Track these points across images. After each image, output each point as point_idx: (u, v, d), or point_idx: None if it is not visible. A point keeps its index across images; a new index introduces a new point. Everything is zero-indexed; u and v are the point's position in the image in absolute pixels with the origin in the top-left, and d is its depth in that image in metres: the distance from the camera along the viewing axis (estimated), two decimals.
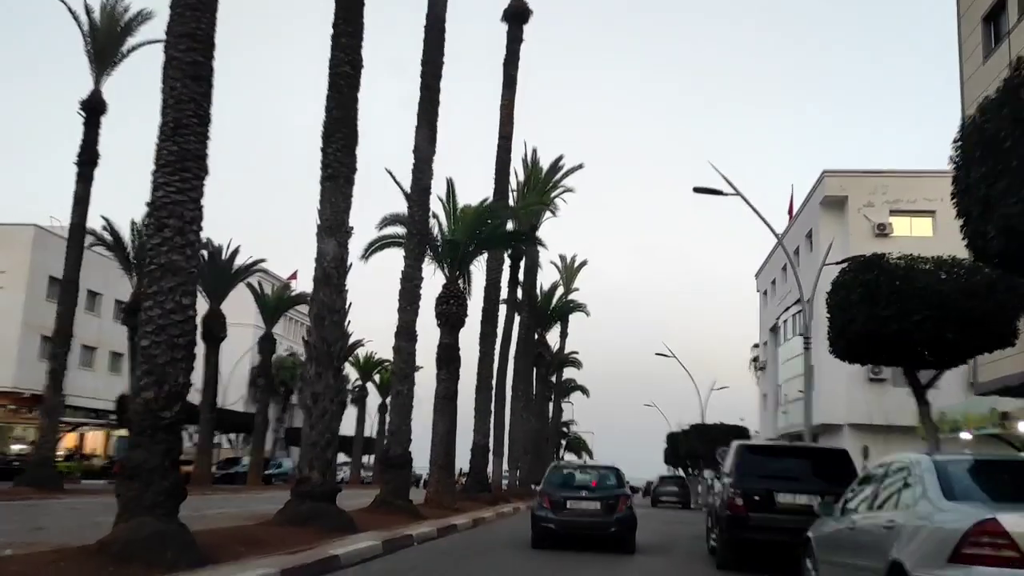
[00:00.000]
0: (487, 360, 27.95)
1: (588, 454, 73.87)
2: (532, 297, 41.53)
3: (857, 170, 39.99)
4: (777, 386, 51.40)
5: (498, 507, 25.72)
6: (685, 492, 44.46)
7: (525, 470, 40.88)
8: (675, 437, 51.63)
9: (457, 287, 23.16)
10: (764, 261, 56.95)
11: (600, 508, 14.58)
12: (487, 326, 28.01)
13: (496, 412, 32.40)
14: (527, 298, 38.59)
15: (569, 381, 61.02)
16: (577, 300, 48.76)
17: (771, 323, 53.69)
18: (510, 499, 31.73)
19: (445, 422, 22.42)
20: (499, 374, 32.59)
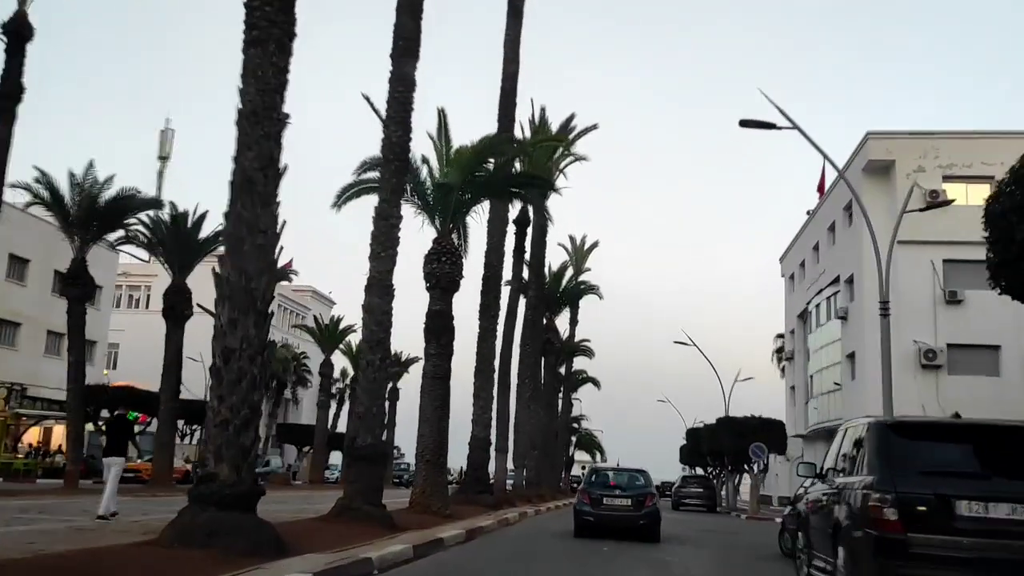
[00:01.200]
0: (488, 337, 23.68)
1: (600, 452, 69.65)
2: (540, 275, 37.22)
3: (905, 131, 35.58)
4: (808, 378, 47.02)
5: (501, 512, 21.45)
6: (711, 494, 40.07)
7: (532, 469, 36.58)
8: (696, 433, 47.26)
9: (450, 242, 18.87)
10: (790, 243, 52.57)
11: (631, 504, 17.43)
12: (488, 297, 23.74)
13: (500, 401, 28.11)
14: (534, 275, 34.29)
15: (580, 373, 56.72)
16: (589, 282, 44.45)
17: (799, 309, 49.29)
18: (515, 502, 27.44)
19: (435, 407, 18.14)
20: (503, 357, 28.30)
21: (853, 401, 36.71)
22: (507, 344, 28.41)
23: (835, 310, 40.56)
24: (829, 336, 41.53)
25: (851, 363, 37.80)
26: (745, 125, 19.84)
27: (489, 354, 23.63)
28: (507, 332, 28.54)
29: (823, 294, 42.54)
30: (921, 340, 33.35)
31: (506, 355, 28.30)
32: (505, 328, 28.65)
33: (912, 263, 34.07)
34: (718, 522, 29.27)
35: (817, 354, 44.13)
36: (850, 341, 37.43)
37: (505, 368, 28.23)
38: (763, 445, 33.94)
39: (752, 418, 36.69)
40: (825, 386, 42.58)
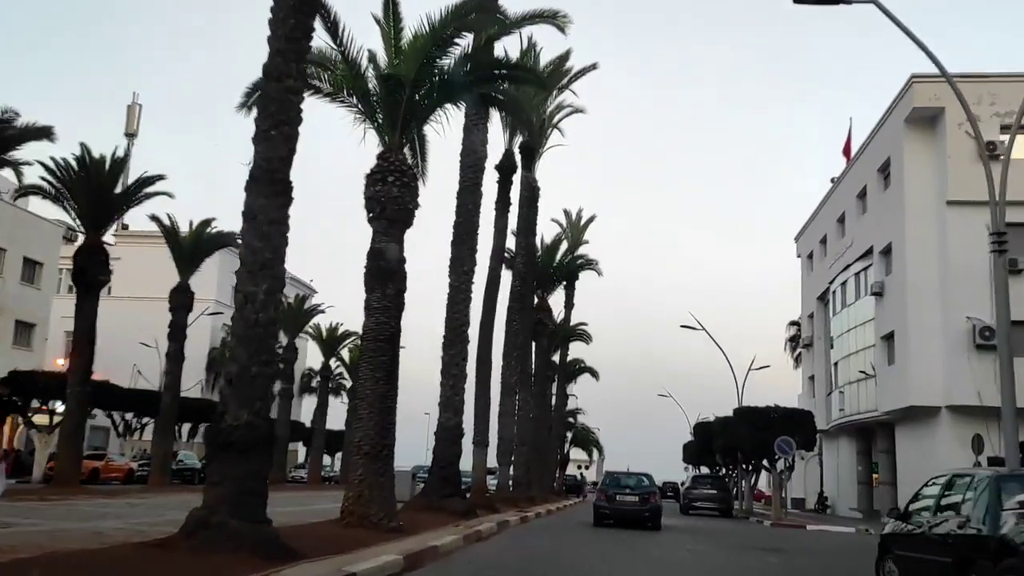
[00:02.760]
0: (461, 299, 18.67)
1: (598, 450, 64.67)
2: (530, 244, 32.18)
3: (956, 74, 30.45)
4: (831, 366, 42.10)
5: (473, 522, 16.45)
6: (726, 496, 35.04)
7: (521, 467, 31.56)
8: (706, 427, 42.34)
9: (400, 158, 13.86)
10: (808, 218, 47.63)
11: (638, 500, 21.90)
12: (461, 249, 18.75)
13: (478, 383, 23.16)
14: (523, 240, 29.29)
15: (577, 362, 51.69)
16: (587, 256, 39.40)
17: (820, 290, 44.35)
18: (497, 507, 22.46)
19: (377, 379, 13.18)
20: (483, 330, 23.33)
21: (892, 389, 31.79)
22: (488, 315, 23.43)
23: (867, 286, 35.61)
24: (859, 317, 36.60)
25: (888, 345, 32.87)
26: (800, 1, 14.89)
27: (461, 320, 18.62)
28: (488, 302, 23.57)
29: (851, 270, 37.60)
30: (975, 316, 28.44)
31: (487, 327, 23.31)
32: (486, 297, 23.68)
33: (964, 227, 29.14)
34: (745, 532, 24.30)
35: (843, 339, 39.19)
36: (887, 320, 32.51)
37: (486, 343, 23.25)
38: (791, 439, 29.02)
39: (775, 408, 31.72)
40: (852, 375, 37.66)
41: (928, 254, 30.01)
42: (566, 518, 25.61)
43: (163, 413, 29.26)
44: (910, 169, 30.78)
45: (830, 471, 43.81)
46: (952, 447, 28.92)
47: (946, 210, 29.46)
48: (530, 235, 32.61)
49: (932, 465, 30.75)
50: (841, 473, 42.23)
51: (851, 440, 40.15)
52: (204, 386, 59.34)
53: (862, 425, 38.21)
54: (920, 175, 30.62)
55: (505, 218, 24.29)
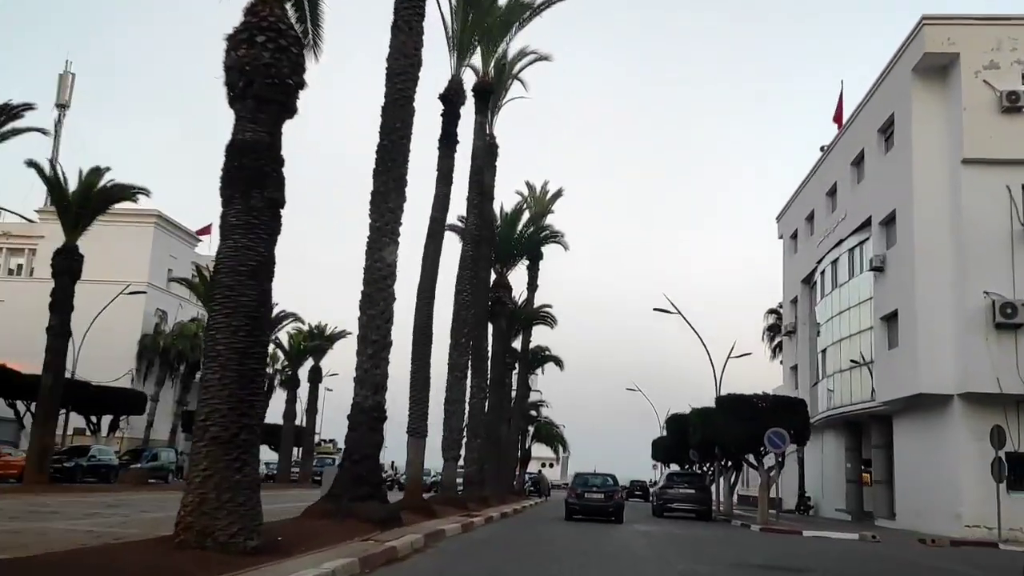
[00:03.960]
0: (385, 243, 14.35)
1: (563, 446, 60.69)
2: (486, 207, 28.00)
3: (971, 15, 26.93)
4: (818, 354, 38.43)
5: (390, 535, 12.17)
6: (705, 496, 31.15)
7: (473, 463, 27.38)
8: (680, 421, 38.46)
9: (277, 15, 9.57)
10: (792, 196, 43.96)
11: (603, 497, 24.83)
12: (386, 178, 14.45)
13: (417, 361, 18.93)
14: (477, 197, 25.10)
15: (543, 350, 47.59)
16: (553, 227, 35.29)
17: (805, 272, 40.67)
18: (436, 511, 18.22)
19: (235, 330, 8.91)
20: (423, 295, 19.09)
21: (893, 376, 28.07)
22: (429, 277, 19.20)
23: (863, 262, 31.91)
24: (853, 297, 32.90)
25: (889, 327, 29.16)
26: None
27: (384, 271, 14.31)
28: (430, 261, 19.33)
29: (844, 245, 33.90)
30: (995, 291, 24.79)
31: (427, 292, 19.06)
32: (427, 254, 19.45)
33: (981, 189, 25.54)
34: (736, 540, 20.32)
35: (832, 324, 35.50)
36: (889, 298, 28.80)
37: (425, 311, 19.00)
38: (783, 431, 25.14)
39: (764, 396, 27.85)
40: (843, 362, 33.98)
41: (939, 221, 26.32)
42: (523, 523, 21.45)
43: (42, 397, 24.54)
44: (919, 125, 27.05)
45: (813, 469, 40.14)
46: (965, 441, 25.26)
47: (961, 170, 25.78)
48: (486, 199, 28.44)
49: (940, 462, 27.20)
50: (826, 471, 38.58)
51: (839, 435, 36.49)
52: (135, 376, 54.33)
53: (852, 418, 34.55)
54: (931, 131, 26.92)
55: (450, 160, 20.01)
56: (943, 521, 25.59)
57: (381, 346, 14.10)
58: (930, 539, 22.10)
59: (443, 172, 19.67)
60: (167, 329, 56.17)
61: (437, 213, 19.43)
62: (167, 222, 59.05)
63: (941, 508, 25.93)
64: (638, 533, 19.93)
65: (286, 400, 45.22)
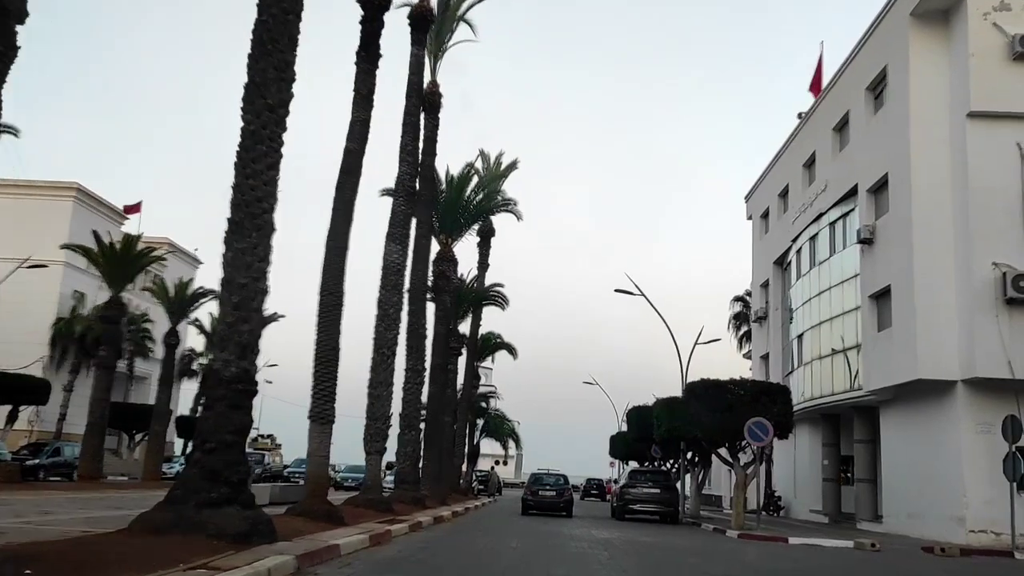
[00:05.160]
0: (261, 153, 10.45)
1: (515, 442, 57.08)
2: (428, 161, 24.17)
3: None
4: (792, 341, 35.24)
5: (242, 561, 8.26)
6: (671, 496, 27.67)
7: (407, 458, 23.57)
8: (642, 413, 35.00)
9: None
10: (763, 172, 40.81)
11: (555, 494, 27.95)
12: (265, 64, 10.55)
13: (324, 329, 15.05)
14: (411, 141, 21.24)
15: (494, 336, 43.82)
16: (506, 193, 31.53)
17: (777, 253, 37.52)
18: (344, 516, 14.34)
19: None
20: (333, 251, 15.20)
21: (884, 361, 24.88)
22: (340, 223, 15.30)
23: (847, 236, 28.74)
24: (835, 275, 29.70)
25: (879, 306, 25.98)
26: None
27: (260, 192, 10.36)
28: (343, 202, 15.43)
29: (825, 219, 30.69)
30: (1004, 262, 21.66)
31: (337, 245, 15.16)
32: (339, 195, 15.54)
33: (988, 146, 22.41)
34: (716, 551, 16.76)
35: (809, 307, 32.30)
36: (879, 273, 25.60)
37: (334, 267, 15.09)
38: (765, 422, 21.71)
39: (741, 382, 24.39)
40: (823, 348, 30.81)
41: (940, 183, 23.15)
42: (460, 531, 17.65)
43: None
44: (918, 76, 23.85)
45: (784, 466, 37.04)
46: (969, 434, 22.11)
47: (966, 125, 22.61)
48: (427, 155, 24.64)
49: (938, 458, 23.82)
50: (799, 468, 35.47)
51: (815, 429, 33.33)
52: (47, 363, 49.30)
53: (831, 411, 31.41)
54: (931, 84, 23.75)
55: (371, 80, 16.07)
56: (941, 525, 22.45)
57: (252, 293, 10.20)
58: (939, 548, 18.84)
59: (361, 93, 15.74)
60: (84, 312, 51.24)
61: (353, 144, 15.52)
62: (88, 196, 53.98)
63: (939, 511, 22.79)
64: (597, 542, 16.32)
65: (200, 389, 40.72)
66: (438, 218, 28.89)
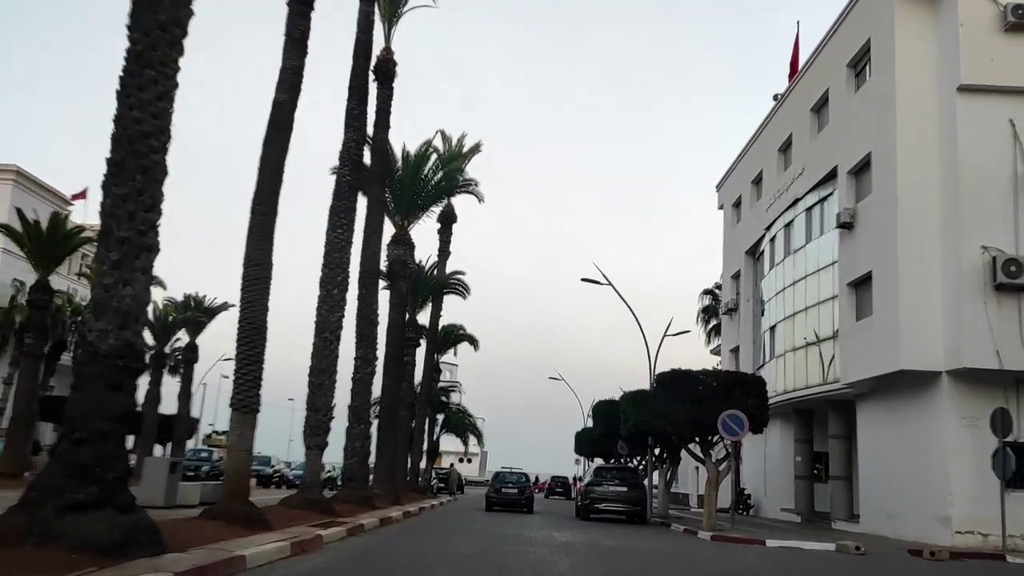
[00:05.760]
0: (146, 75, 8.55)
1: (477, 439, 55.39)
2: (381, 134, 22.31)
3: None
4: (764, 333, 33.88)
5: None
6: (639, 495, 26.10)
7: (355, 454, 21.72)
8: (609, 407, 33.42)
9: None
10: (735, 159, 39.43)
11: (517, 491, 29.73)
12: None
13: (247, 303, 13.14)
14: (356, 104, 19.35)
15: (456, 329, 41.96)
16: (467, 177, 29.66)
17: (750, 243, 36.14)
18: (269, 519, 12.48)
19: None
20: (259, 208, 13.29)
21: (863, 352, 23.46)
22: (268, 183, 13.39)
23: (824, 222, 27.36)
24: (811, 263, 28.29)
25: (858, 294, 24.58)
26: None
27: (142, 129, 8.46)
28: (271, 159, 13.53)
29: (801, 204, 29.28)
30: (994, 246, 20.32)
31: (263, 205, 13.25)
32: (268, 150, 13.63)
33: (979, 123, 21.06)
34: (692, 557, 15.12)
35: (783, 296, 30.89)
36: (860, 258, 24.18)
37: (260, 232, 13.19)
38: (741, 415, 20.17)
39: (714, 372, 22.85)
40: (796, 340, 29.45)
41: (928, 162, 21.77)
42: (407, 535, 15.81)
43: None
44: (904, 49, 22.46)
45: (754, 463, 35.68)
46: (955, 428, 20.73)
47: (956, 100, 21.24)
48: (381, 127, 22.81)
49: (920, 454, 22.16)
50: (771, 465, 34.10)
51: (786, 424, 31.94)
52: None
53: (804, 405, 30.06)
54: (918, 56, 22.38)
55: (305, 22, 14.09)
56: (923, 526, 21.08)
57: (135, 249, 8.30)
58: (928, 551, 17.42)
59: (293, 37, 13.81)
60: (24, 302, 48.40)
61: (284, 94, 13.60)
62: (28, 180, 51.04)
63: (921, 510, 21.42)
64: (558, 547, 14.62)
65: (149, 382, 38.30)
66: (393, 198, 27.02)
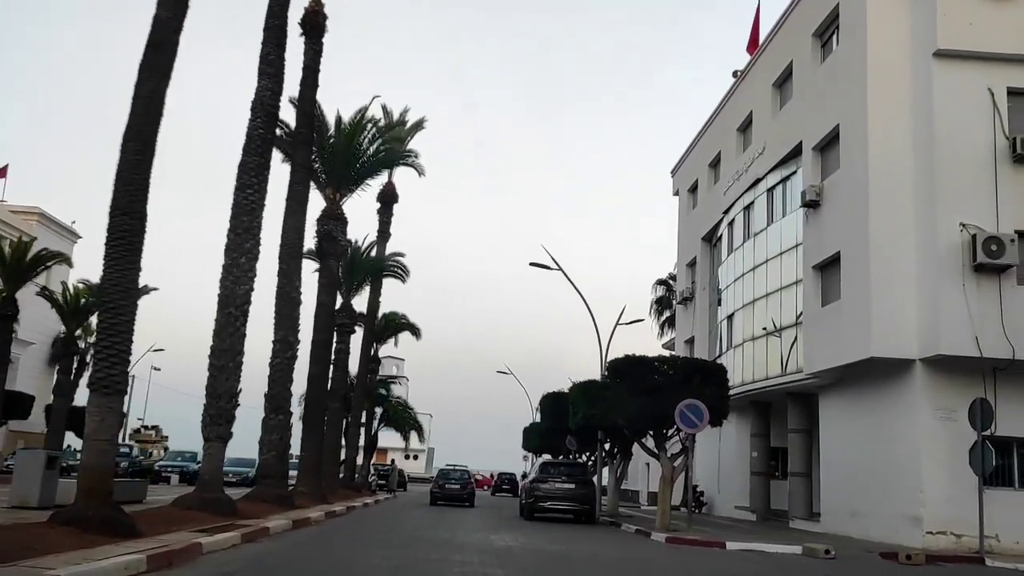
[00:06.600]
0: None
1: (418, 434, 52.99)
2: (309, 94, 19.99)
3: None
4: (721, 323, 32.23)
5: None
6: (588, 492, 24.16)
7: (274, 447, 19.38)
8: (558, 400, 31.46)
9: None
10: (691, 143, 37.78)
11: (459, 487, 31.97)
12: None
13: (113, 262, 10.77)
14: (274, 47, 17.00)
15: (397, 317, 39.57)
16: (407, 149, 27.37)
17: (707, 228, 34.48)
18: (136, 524, 10.18)
19: None
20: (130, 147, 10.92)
21: (832, 338, 21.80)
22: (144, 114, 11.02)
23: (787, 202, 25.72)
24: (772, 246, 26.65)
25: (824, 277, 22.94)
26: None
27: None
28: (147, 85, 11.16)
29: (762, 185, 27.63)
30: (973, 223, 18.77)
31: (136, 143, 10.88)
32: (145, 75, 11.25)
33: (956, 92, 19.50)
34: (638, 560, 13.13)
35: (742, 283, 29.24)
36: (827, 239, 22.53)
37: (129, 176, 10.82)
38: (700, 405, 18.34)
39: (672, 359, 20.99)
40: (756, 329, 27.80)
41: (901, 133, 20.16)
42: (317, 542, 13.53)
43: None
44: (876, 13, 20.83)
45: (708, 458, 34.05)
46: (928, 421, 19.15)
47: (933, 67, 19.66)
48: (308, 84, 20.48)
49: (889, 449, 20.28)
50: (725, 461, 32.50)
51: (743, 418, 30.27)
52: None
53: (762, 397, 28.46)
54: (891, 21, 20.78)
55: None
56: (891, 525, 19.50)
57: None
58: (904, 554, 15.75)
59: None
60: None
61: (166, 11, 11.21)
62: None
63: (889, 509, 19.83)
64: (493, 554, 12.53)
65: (59, 371, 35.17)
66: (324, 168, 24.68)
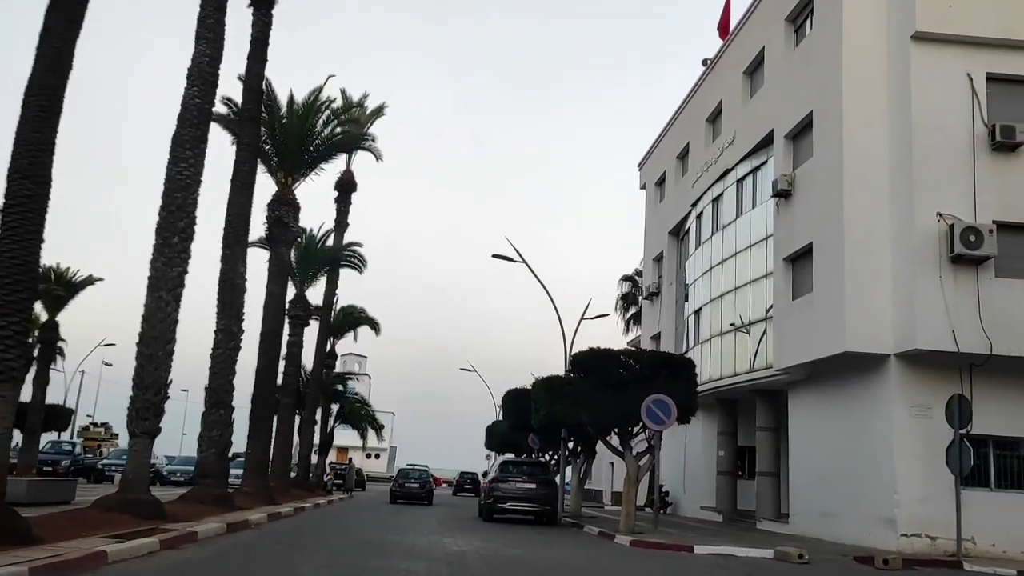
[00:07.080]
0: None
1: (376, 432, 51.58)
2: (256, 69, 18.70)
3: None
4: (688, 318, 31.40)
5: None
6: (550, 493, 23.12)
7: (215, 443, 18.07)
8: (521, 397, 30.37)
9: None
10: (659, 135, 36.95)
11: (419, 486, 33.26)
12: None
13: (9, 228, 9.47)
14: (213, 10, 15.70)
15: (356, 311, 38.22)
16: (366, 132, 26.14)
17: (674, 221, 33.64)
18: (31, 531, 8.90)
19: None
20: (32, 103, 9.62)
21: (803, 333, 21.00)
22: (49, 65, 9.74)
23: (758, 192, 24.94)
24: (742, 239, 25.83)
25: (795, 270, 22.16)
26: None
27: None
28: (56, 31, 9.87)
29: (731, 176, 26.82)
30: (950, 213, 18.05)
31: (40, 98, 9.60)
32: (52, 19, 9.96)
33: (934, 77, 18.77)
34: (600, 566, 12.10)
35: (709, 276, 28.41)
36: (799, 230, 21.73)
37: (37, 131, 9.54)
38: (668, 401, 17.39)
39: (639, 352, 20.04)
40: (724, 325, 26.99)
41: (877, 120, 19.41)
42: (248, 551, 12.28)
43: None
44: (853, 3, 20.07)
45: (673, 457, 33.21)
46: (903, 418, 18.39)
47: (910, 50, 18.92)
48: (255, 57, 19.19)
49: (861, 447, 19.33)
50: (690, 460, 31.75)
51: (709, 416, 29.50)
52: None
53: (729, 395, 27.68)
54: (866, 2, 20.05)
55: None
56: (863, 527, 18.74)
57: None
58: (881, 558, 14.92)
59: None
60: None
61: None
62: None
63: (861, 510, 19.07)
64: (443, 562, 11.41)
65: None
66: (275, 150, 23.36)
